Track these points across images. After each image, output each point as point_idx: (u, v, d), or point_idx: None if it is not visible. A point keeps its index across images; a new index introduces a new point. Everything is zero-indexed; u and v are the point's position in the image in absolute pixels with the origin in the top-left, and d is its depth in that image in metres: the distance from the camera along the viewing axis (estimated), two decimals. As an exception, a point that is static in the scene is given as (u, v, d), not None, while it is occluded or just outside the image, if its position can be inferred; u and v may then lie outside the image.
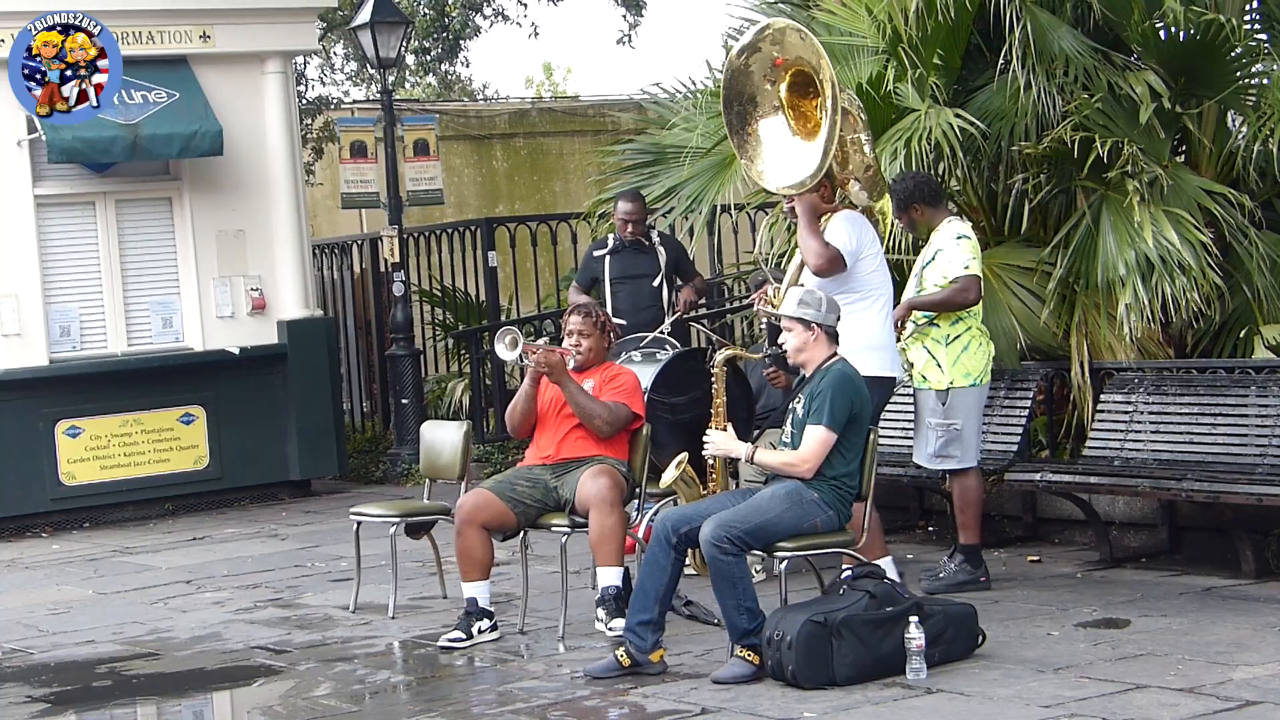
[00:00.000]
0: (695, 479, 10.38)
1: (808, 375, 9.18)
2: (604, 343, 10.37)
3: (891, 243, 11.73)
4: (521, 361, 10.10)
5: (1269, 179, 11.68)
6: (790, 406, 9.28)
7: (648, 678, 8.80)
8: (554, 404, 10.18)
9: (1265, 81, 11.64)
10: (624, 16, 25.53)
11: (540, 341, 10.58)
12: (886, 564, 9.78)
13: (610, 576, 9.73)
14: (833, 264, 9.86)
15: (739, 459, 9.46)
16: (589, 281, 13.57)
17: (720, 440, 9.41)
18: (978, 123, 11.37)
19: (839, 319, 9.19)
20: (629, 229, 13.25)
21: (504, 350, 10.15)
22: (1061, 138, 11.25)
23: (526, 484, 10.02)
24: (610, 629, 9.58)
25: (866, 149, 10.07)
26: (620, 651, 8.92)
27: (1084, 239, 11.34)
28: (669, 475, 10.16)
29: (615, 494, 9.68)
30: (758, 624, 8.63)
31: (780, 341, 9.45)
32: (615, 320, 12.98)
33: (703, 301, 15.04)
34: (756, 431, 11.46)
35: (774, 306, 10.02)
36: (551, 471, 10.06)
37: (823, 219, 10.02)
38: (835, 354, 9.15)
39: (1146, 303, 10.96)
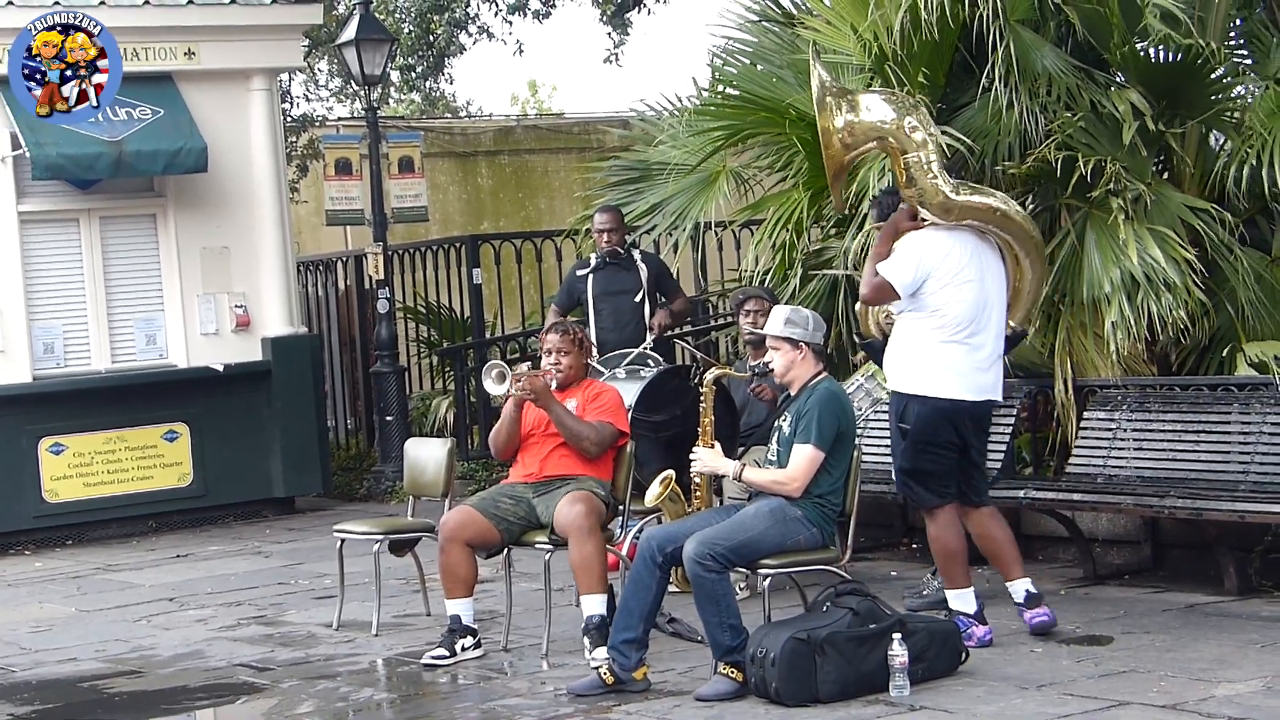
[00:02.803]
0: (680, 496, 10.38)
1: (794, 393, 9.18)
2: (583, 359, 10.36)
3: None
4: (510, 393, 10.10)
5: (1251, 198, 11.70)
6: (776, 424, 9.29)
7: (631, 695, 8.80)
8: (538, 423, 10.17)
9: (1249, 101, 11.66)
10: (610, 35, 25.54)
11: (522, 367, 10.55)
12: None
13: (593, 605, 9.68)
14: (878, 292, 9.66)
15: (724, 476, 9.46)
16: (569, 303, 13.58)
17: (708, 457, 9.40)
18: (966, 139, 11.38)
19: (826, 335, 9.20)
20: (605, 239, 13.29)
21: (492, 385, 10.18)
22: (1045, 157, 11.26)
23: (510, 501, 10.02)
24: (593, 658, 9.52)
25: (934, 176, 9.58)
26: (604, 669, 8.92)
27: (1068, 257, 11.34)
28: (653, 493, 10.15)
29: (591, 520, 9.64)
30: (741, 641, 8.63)
31: (766, 360, 9.44)
32: (598, 339, 13.04)
33: (688, 320, 15.06)
34: (741, 449, 11.46)
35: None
36: (534, 490, 10.06)
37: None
38: (822, 372, 9.16)
39: (1133, 320, 10.96)
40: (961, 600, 9.61)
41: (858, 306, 10.59)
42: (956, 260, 9.54)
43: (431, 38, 25.36)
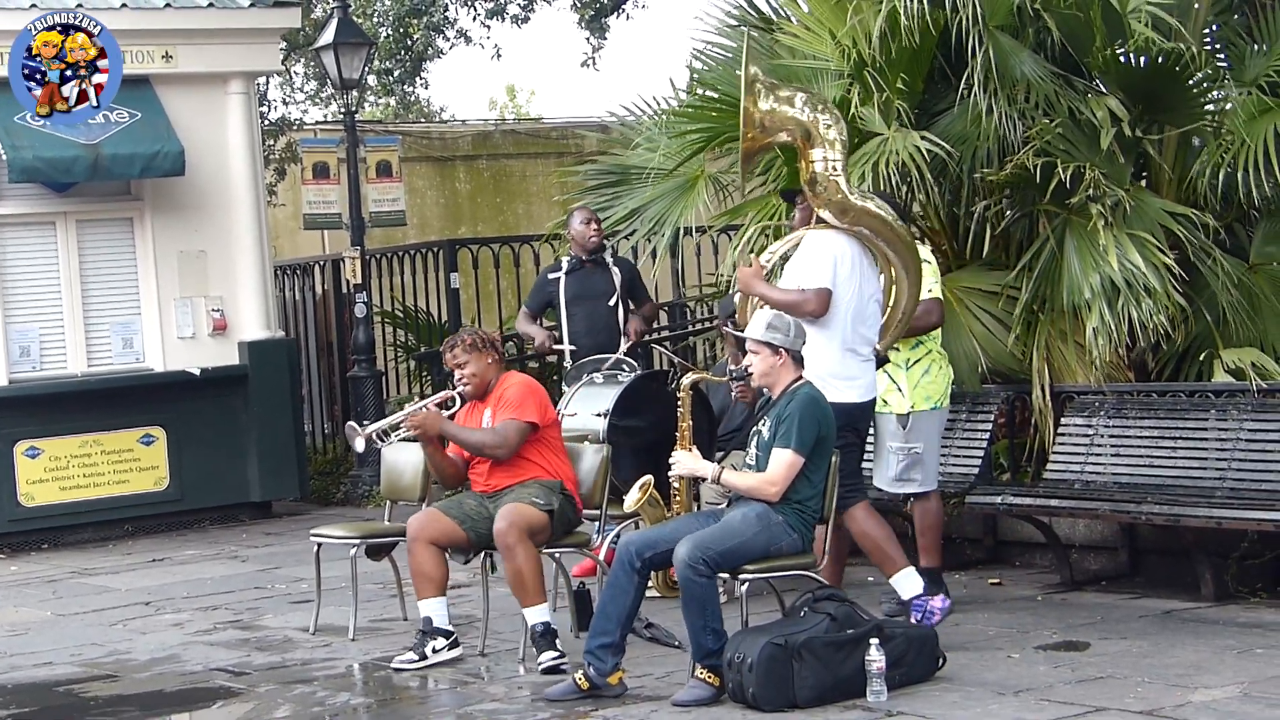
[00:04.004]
0: (659, 500, 10.36)
1: (774, 397, 9.17)
2: (488, 358, 10.28)
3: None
4: (386, 440, 10.22)
5: (1229, 204, 11.72)
6: (755, 429, 9.28)
7: (607, 700, 8.79)
8: None
9: (1228, 106, 11.67)
10: (588, 39, 25.54)
11: (414, 403, 10.54)
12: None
13: (534, 615, 9.67)
14: (822, 303, 9.76)
15: (703, 480, 9.45)
16: (540, 306, 13.51)
17: (687, 461, 9.36)
18: (945, 145, 11.38)
19: (805, 343, 9.20)
20: (593, 229, 13.18)
21: (358, 446, 10.26)
22: (1024, 163, 11.27)
23: (474, 503, 10.06)
24: (539, 663, 9.53)
25: (837, 175, 9.75)
26: (579, 674, 8.91)
27: (1048, 263, 11.35)
28: (633, 498, 10.11)
29: (514, 536, 9.61)
30: (721, 645, 8.63)
31: (745, 364, 9.43)
32: (571, 343, 13.01)
33: (664, 325, 15.06)
34: (720, 454, 11.45)
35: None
36: (491, 500, 10.06)
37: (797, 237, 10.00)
38: (801, 377, 9.15)
39: (1113, 326, 10.97)
40: (907, 582, 9.73)
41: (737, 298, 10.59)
42: (848, 264, 9.79)
43: (410, 42, 25.34)
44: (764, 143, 9.99)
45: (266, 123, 23.80)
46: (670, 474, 9.54)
